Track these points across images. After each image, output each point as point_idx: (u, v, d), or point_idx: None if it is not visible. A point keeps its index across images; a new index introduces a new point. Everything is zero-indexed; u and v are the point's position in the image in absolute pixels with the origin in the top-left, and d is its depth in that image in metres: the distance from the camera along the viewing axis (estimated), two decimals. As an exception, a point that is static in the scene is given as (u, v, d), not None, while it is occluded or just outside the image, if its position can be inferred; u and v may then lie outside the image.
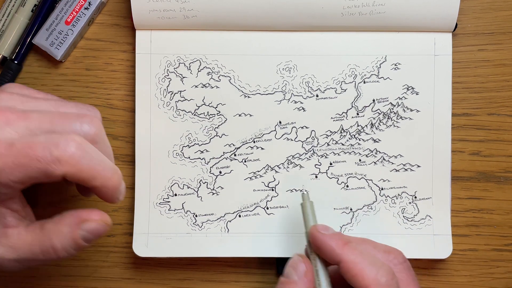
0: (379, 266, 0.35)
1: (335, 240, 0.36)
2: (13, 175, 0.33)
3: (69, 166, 0.33)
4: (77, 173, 0.34)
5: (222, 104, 0.44)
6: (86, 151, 0.34)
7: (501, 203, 0.45)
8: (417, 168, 0.44)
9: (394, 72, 0.44)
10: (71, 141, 0.33)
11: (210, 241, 0.44)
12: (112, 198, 0.36)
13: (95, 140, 0.36)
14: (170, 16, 0.43)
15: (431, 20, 0.43)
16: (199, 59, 0.44)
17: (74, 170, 0.33)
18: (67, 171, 0.33)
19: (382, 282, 0.35)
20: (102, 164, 0.35)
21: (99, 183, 0.35)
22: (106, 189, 0.35)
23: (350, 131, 0.44)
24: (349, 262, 0.35)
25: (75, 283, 0.45)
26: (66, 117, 0.35)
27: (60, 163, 0.33)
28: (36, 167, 0.33)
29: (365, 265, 0.35)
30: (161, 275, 0.45)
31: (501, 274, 0.45)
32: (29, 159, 0.33)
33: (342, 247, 0.36)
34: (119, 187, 0.36)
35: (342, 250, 0.36)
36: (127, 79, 0.45)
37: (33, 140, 0.33)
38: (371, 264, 0.35)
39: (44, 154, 0.33)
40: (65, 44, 0.44)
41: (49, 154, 0.33)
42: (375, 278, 0.35)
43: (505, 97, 0.45)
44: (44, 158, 0.33)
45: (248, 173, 0.44)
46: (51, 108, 0.36)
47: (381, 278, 0.35)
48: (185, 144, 0.44)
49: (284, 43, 0.44)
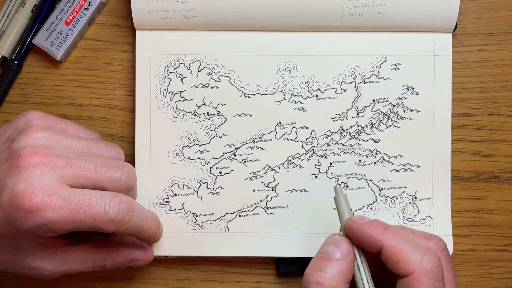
0: (424, 251, 0.34)
1: (374, 227, 0.35)
2: (67, 227, 0.36)
3: (120, 225, 0.37)
4: (125, 231, 0.38)
5: (222, 104, 0.44)
6: (134, 211, 0.38)
7: (501, 203, 0.45)
8: (417, 168, 0.44)
9: (394, 72, 0.44)
10: (123, 204, 0.37)
11: (211, 241, 0.44)
12: (151, 243, 0.42)
13: (131, 188, 0.39)
14: (170, 16, 0.43)
15: (431, 20, 0.43)
16: (199, 59, 0.44)
17: (122, 229, 0.37)
18: (117, 230, 0.37)
19: (428, 268, 0.33)
20: (145, 219, 0.39)
21: (141, 235, 0.39)
22: (146, 238, 0.40)
23: (350, 131, 0.44)
24: (392, 247, 0.34)
25: (75, 283, 0.45)
26: (108, 166, 0.38)
27: (112, 223, 0.37)
28: (90, 224, 0.36)
29: (409, 249, 0.34)
30: (161, 275, 0.45)
31: (501, 274, 0.45)
32: (85, 216, 0.36)
33: (383, 232, 0.35)
34: (157, 233, 0.41)
35: (383, 236, 0.35)
36: (127, 79, 0.45)
37: (90, 198, 0.36)
38: (415, 249, 0.34)
39: (100, 215, 0.36)
40: (65, 44, 0.44)
41: (104, 215, 0.36)
42: (420, 263, 0.33)
43: (505, 97, 0.45)
44: (100, 218, 0.36)
45: (248, 173, 0.44)
46: (84, 149, 0.39)
47: (427, 264, 0.33)
48: (185, 144, 0.44)
49: (284, 43, 0.44)
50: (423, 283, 0.33)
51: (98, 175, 0.38)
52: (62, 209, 0.35)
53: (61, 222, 0.35)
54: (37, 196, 0.35)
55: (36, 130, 0.38)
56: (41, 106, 0.45)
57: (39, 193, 0.35)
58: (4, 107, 0.46)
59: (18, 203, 0.35)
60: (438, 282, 0.34)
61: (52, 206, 0.35)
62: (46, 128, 0.38)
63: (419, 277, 0.33)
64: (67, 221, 0.36)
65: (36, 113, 0.40)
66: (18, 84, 0.46)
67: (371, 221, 0.36)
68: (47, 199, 0.35)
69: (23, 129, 0.38)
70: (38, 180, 0.35)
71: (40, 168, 0.36)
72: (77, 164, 0.37)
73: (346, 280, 0.35)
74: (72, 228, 0.36)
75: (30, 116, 0.39)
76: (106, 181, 0.38)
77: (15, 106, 0.46)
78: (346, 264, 0.35)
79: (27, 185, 0.35)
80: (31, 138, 0.37)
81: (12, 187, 0.35)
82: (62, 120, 0.41)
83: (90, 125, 0.45)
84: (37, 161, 0.36)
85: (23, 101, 0.46)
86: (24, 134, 0.37)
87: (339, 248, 0.36)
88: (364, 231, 0.35)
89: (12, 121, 0.40)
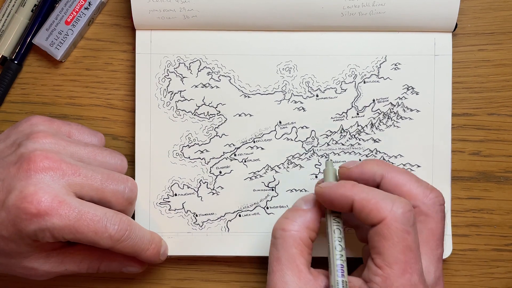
0: (394, 199, 0.35)
1: (342, 186, 0.36)
2: (68, 236, 0.37)
3: (117, 243, 0.38)
4: (121, 249, 0.38)
5: (222, 104, 0.44)
6: (132, 232, 0.38)
7: (501, 203, 0.45)
8: (417, 168, 0.44)
9: (394, 72, 0.44)
10: (123, 223, 0.38)
11: (211, 240, 0.44)
12: (152, 263, 0.42)
13: (132, 202, 0.41)
14: (170, 16, 0.43)
15: (431, 20, 0.43)
16: (199, 59, 0.44)
17: (119, 247, 0.38)
18: (113, 247, 0.38)
19: (399, 213, 0.34)
20: (142, 239, 0.40)
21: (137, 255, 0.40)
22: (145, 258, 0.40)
23: (350, 131, 0.44)
24: (362, 199, 0.35)
25: (75, 283, 0.45)
26: (113, 179, 0.39)
27: (110, 240, 0.37)
28: (90, 237, 0.37)
29: (379, 198, 0.35)
30: (161, 275, 0.45)
31: (501, 274, 0.45)
32: (88, 229, 0.37)
33: (351, 189, 0.36)
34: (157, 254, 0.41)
35: (352, 191, 0.35)
36: (127, 79, 0.45)
37: (95, 212, 0.37)
38: (385, 197, 0.35)
39: (101, 230, 0.37)
40: (65, 44, 0.44)
41: (105, 231, 0.37)
42: (391, 210, 0.34)
43: (505, 97, 0.45)
44: (100, 233, 0.37)
45: (248, 173, 0.44)
46: (90, 155, 0.40)
47: (398, 209, 0.34)
48: (185, 144, 0.44)
49: (284, 43, 0.44)
50: (393, 229, 0.34)
51: (103, 186, 0.38)
52: (68, 217, 0.36)
53: (64, 230, 0.36)
54: (46, 200, 0.35)
55: (44, 136, 0.38)
56: (41, 106, 0.45)
57: (48, 197, 0.35)
58: (4, 107, 0.46)
59: (26, 206, 0.35)
60: (409, 228, 0.34)
61: (60, 212, 0.36)
62: (52, 133, 0.39)
63: (390, 223, 0.34)
64: (70, 230, 0.36)
65: (40, 118, 0.40)
66: (18, 84, 0.46)
67: (339, 182, 0.37)
68: (56, 205, 0.36)
69: (29, 133, 0.38)
70: (47, 185, 0.36)
71: (50, 174, 0.36)
72: (85, 173, 0.38)
73: (309, 227, 0.37)
74: (71, 238, 0.37)
75: (34, 120, 0.40)
76: (110, 192, 0.38)
77: (15, 106, 0.46)
78: (310, 213, 0.37)
79: (37, 189, 0.36)
80: (39, 142, 0.38)
81: (20, 189, 0.36)
82: (65, 123, 0.41)
83: (90, 125, 0.45)
84: (48, 166, 0.36)
85: (23, 101, 0.46)
86: (32, 138, 0.38)
87: (306, 202, 0.38)
88: (335, 192, 0.36)
89: (15, 125, 0.40)
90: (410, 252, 0.34)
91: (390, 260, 0.34)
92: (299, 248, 0.36)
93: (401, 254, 0.34)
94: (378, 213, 0.34)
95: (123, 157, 0.42)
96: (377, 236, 0.34)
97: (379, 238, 0.34)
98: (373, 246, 0.35)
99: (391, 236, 0.34)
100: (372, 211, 0.34)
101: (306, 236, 0.36)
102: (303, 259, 0.36)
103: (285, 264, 0.36)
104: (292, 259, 0.36)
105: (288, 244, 0.36)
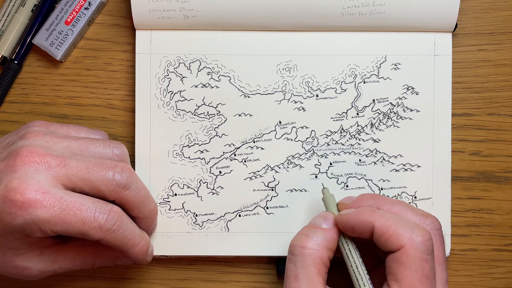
0: (413, 226, 0.35)
1: (362, 212, 0.36)
2: (55, 228, 0.36)
3: (107, 234, 0.37)
4: (111, 240, 0.38)
5: (222, 104, 0.44)
6: (123, 223, 0.38)
7: (501, 203, 0.45)
8: (417, 168, 0.44)
9: (394, 72, 0.44)
10: (113, 213, 0.37)
11: (211, 240, 0.44)
12: (139, 261, 0.41)
13: (127, 186, 0.39)
14: (170, 16, 0.43)
15: (431, 20, 0.43)
16: (199, 59, 0.44)
17: (109, 238, 0.37)
18: (103, 238, 0.37)
19: (418, 241, 0.34)
20: (133, 233, 0.39)
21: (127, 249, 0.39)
22: (133, 255, 0.39)
23: (350, 131, 0.44)
24: (382, 225, 0.35)
25: (75, 283, 0.45)
26: (100, 166, 0.38)
27: (100, 230, 0.37)
28: (78, 227, 0.36)
29: (399, 225, 0.35)
30: (161, 275, 0.45)
31: (501, 274, 0.45)
32: (75, 219, 0.36)
33: (371, 214, 0.36)
34: (145, 252, 0.40)
35: (372, 217, 0.36)
36: (127, 79, 0.45)
37: (82, 201, 0.37)
38: (405, 224, 0.35)
39: (89, 219, 0.36)
40: (65, 44, 0.44)
41: (93, 221, 0.36)
42: (410, 238, 0.34)
43: (505, 97, 0.45)
44: (89, 223, 0.36)
45: (248, 173, 0.44)
46: (82, 147, 0.39)
47: (417, 237, 0.34)
48: (185, 144, 0.44)
49: (284, 43, 0.44)
50: (412, 256, 0.34)
51: (89, 175, 0.37)
52: (53, 208, 0.36)
53: (50, 221, 0.36)
54: (30, 192, 0.35)
55: (35, 135, 0.38)
56: (41, 106, 0.45)
57: (32, 189, 0.35)
58: (4, 107, 0.46)
59: (11, 199, 0.35)
60: (427, 256, 0.34)
61: (44, 204, 0.35)
62: (46, 132, 0.39)
63: (409, 250, 0.34)
64: (56, 221, 0.36)
65: (38, 122, 0.41)
66: (18, 84, 0.46)
67: (359, 208, 0.37)
68: (40, 196, 0.35)
69: (23, 134, 0.39)
70: (32, 178, 0.36)
71: (35, 167, 0.36)
72: (70, 163, 0.37)
73: (328, 247, 0.37)
74: (60, 230, 0.36)
75: (32, 124, 0.40)
76: (97, 180, 0.38)
77: (15, 106, 0.46)
78: (330, 232, 0.37)
79: (21, 182, 0.36)
80: (29, 140, 0.38)
81: (6, 183, 0.36)
82: (63, 125, 0.41)
83: (90, 125, 0.45)
84: (32, 160, 0.36)
85: (23, 101, 0.46)
86: (23, 138, 0.38)
87: (326, 220, 0.38)
88: (355, 218, 0.36)
89: (16, 130, 0.41)
90: (427, 281, 0.34)
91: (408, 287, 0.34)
92: (318, 267, 0.36)
93: (418, 283, 0.34)
94: (397, 240, 0.34)
95: (119, 145, 0.41)
96: (395, 262, 0.34)
97: (397, 265, 0.34)
98: (391, 272, 0.35)
99: (409, 264, 0.34)
100: (391, 237, 0.35)
101: (326, 256, 0.37)
102: (321, 278, 0.36)
103: (303, 282, 0.36)
104: (311, 278, 0.36)
105: (308, 263, 0.36)
